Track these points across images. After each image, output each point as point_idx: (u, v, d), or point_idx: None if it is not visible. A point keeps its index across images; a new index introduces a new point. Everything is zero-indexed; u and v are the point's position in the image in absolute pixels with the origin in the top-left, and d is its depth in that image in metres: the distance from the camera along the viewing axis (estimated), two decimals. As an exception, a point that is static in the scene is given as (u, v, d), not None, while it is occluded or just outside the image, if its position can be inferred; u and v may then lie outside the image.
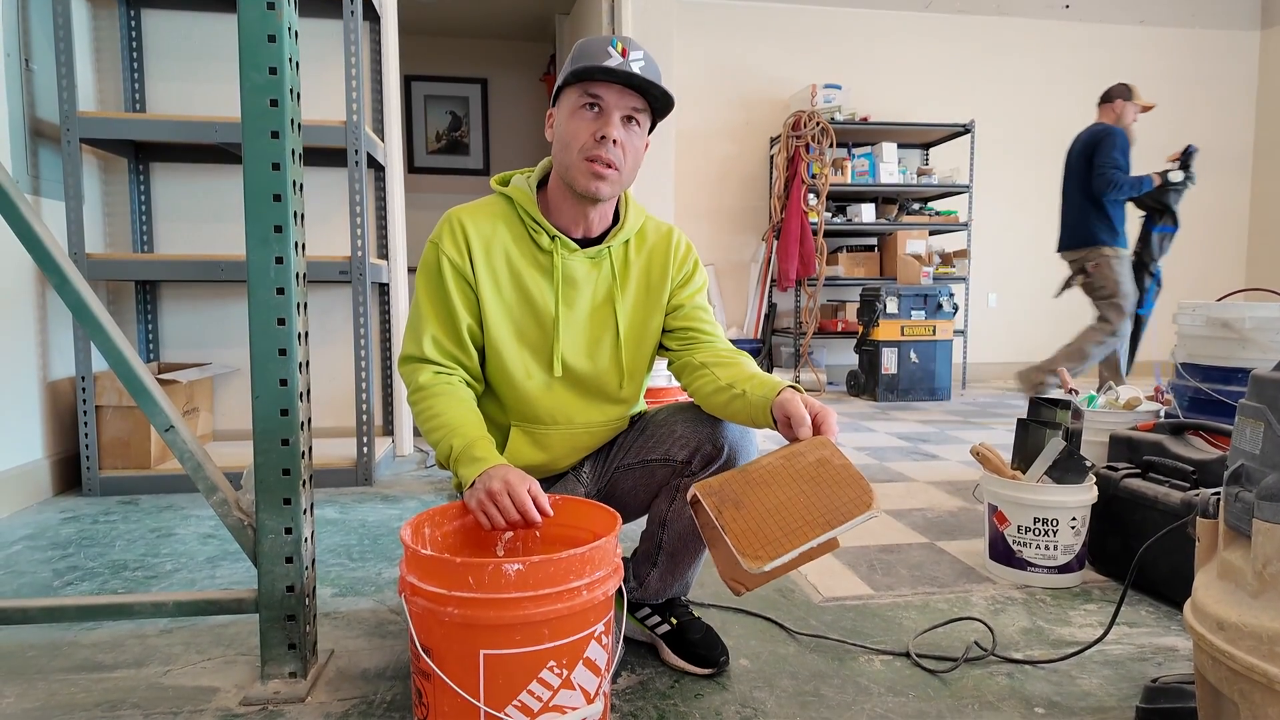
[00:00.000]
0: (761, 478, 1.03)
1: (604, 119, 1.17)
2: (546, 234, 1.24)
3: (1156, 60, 5.86)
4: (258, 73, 1.16)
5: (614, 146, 1.17)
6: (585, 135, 1.17)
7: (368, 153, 2.58)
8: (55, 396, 2.46)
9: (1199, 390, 1.95)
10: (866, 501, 0.97)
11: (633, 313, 1.30)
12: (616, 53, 1.15)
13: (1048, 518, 1.64)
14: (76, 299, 1.20)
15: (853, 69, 5.45)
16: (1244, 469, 0.95)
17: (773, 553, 0.93)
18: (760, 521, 0.97)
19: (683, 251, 1.34)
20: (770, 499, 0.99)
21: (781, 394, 1.12)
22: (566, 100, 1.20)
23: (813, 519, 0.96)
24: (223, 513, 1.23)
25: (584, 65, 1.15)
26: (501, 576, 0.88)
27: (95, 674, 1.29)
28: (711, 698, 1.22)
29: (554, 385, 1.28)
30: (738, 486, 1.03)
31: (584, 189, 1.19)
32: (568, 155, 1.20)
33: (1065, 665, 1.32)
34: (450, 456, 1.15)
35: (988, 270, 5.76)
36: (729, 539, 0.95)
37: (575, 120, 1.18)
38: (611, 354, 1.29)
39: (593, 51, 1.16)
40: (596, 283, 1.28)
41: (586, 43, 1.18)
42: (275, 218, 1.18)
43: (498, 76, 5.79)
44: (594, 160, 1.17)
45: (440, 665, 0.91)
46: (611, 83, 1.16)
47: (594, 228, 1.28)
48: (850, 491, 0.98)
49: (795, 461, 1.04)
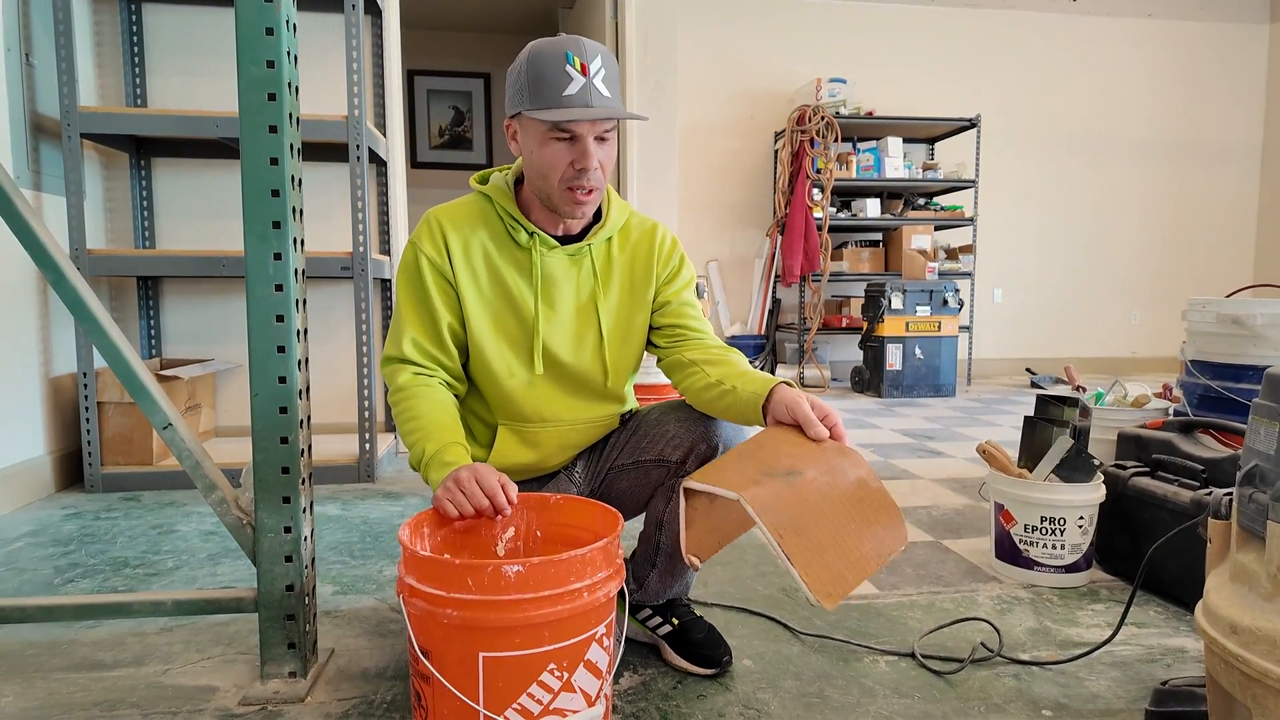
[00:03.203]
0: (811, 498, 0.97)
1: (579, 148, 1.12)
2: (524, 231, 1.23)
3: (1164, 54, 5.81)
4: (256, 66, 1.15)
5: (595, 171, 1.15)
6: (562, 166, 1.14)
7: (369, 148, 2.56)
8: (57, 393, 2.45)
9: (1208, 388, 1.93)
10: (903, 536, 0.98)
11: (617, 310, 1.29)
12: (576, 71, 1.09)
13: (1055, 517, 1.62)
14: (74, 296, 1.19)
15: (858, 63, 5.42)
16: (1258, 470, 0.93)
17: (843, 590, 0.90)
18: (822, 553, 0.92)
19: (668, 248, 1.32)
20: (827, 526, 0.95)
21: (778, 391, 1.11)
22: (533, 127, 1.14)
23: (868, 554, 0.95)
24: (221, 511, 1.22)
25: (547, 100, 1.09)
26: (501, 578, 0.86)
27: (94, 673, 1.29)
28: (714, 699, 1.21)
29: (537, 383, 1.26)
30: (791, 506, 0.95)
31: (569, 214, 1.20)
32: (546, 184, 1.17)
33: (1073, 667, 1.30)
34: (422, 461, 1.13)
35: (993, 266, 5.73)
36: (798, 571, 0.89)
37: (548, 151, 1.14)
38: (595, 351, 1.28)
39: (550, 75, 1.09)
40: (578, 280, 1.26)
41: (540, 61, 1.10)
42: (274, 213, 1.17)
43: (500, 71, 5.77)
44: (576, 189, 1.15)
45: (439, 668, 0.90)
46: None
47: (574, 225, 1.26)
48: (890, 520, 0.99)
49: (839, 481, 1.01)
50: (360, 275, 2.48)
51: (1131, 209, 5.90)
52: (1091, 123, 5.78)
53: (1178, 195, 5.95)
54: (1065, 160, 5.78)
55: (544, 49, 1.11)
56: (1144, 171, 5.88)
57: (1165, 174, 5.91)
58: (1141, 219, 5.92)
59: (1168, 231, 5.96)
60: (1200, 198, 5.98)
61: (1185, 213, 5.97)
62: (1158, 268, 5.97)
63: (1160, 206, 5.93)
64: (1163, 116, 5.86)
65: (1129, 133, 5.83)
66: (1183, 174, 5.93)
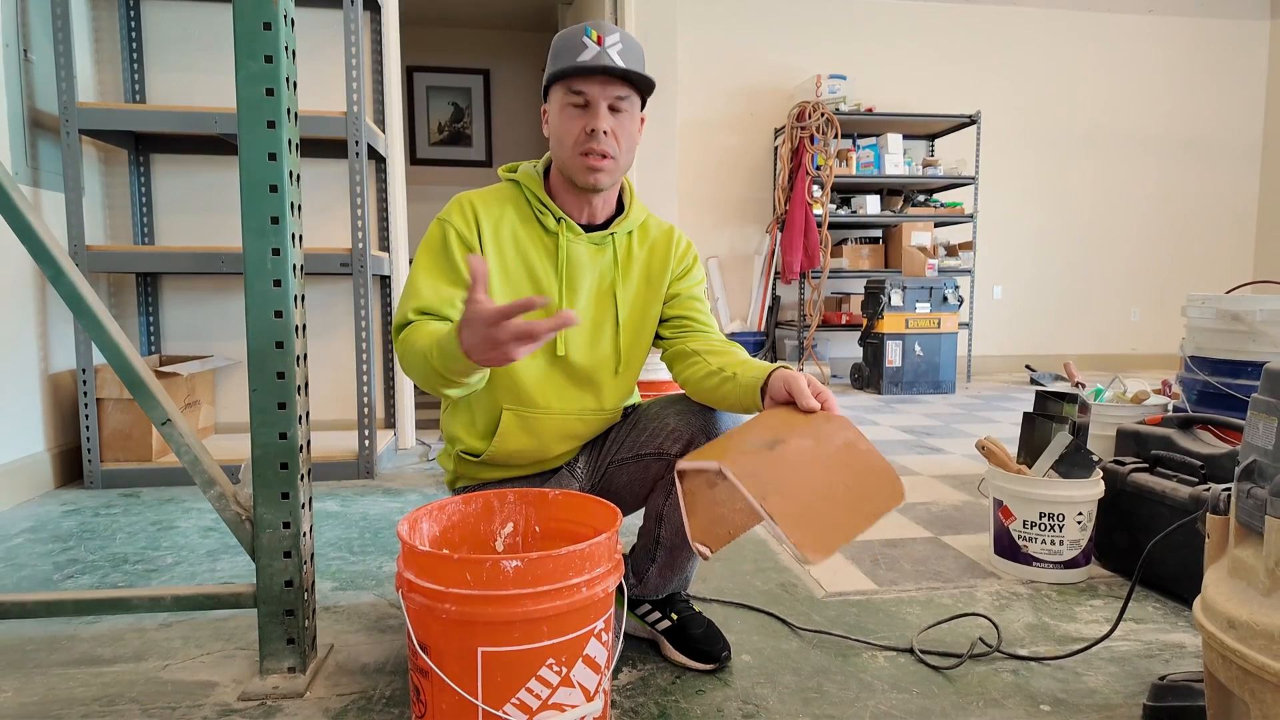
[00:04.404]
0: (795, 460, 0.97)
1: (591, 113, 1.19)
2: (552, 215, 1.26)
3: (1164, 50, 5.80)
4: (253, 61, 1.14)
5: (605, 136, 1.19)
6: (576, 131, 1.19)
7: (369, 144, 2.56)
8: (56, 389, 2.45)
9: (1208, 384, 1.93)
10: (899, 492, 0.98)
11: (633, 301, 1.32)
12: (592, 42, 1.17)
13: (1054, 513, 1.62)
14: (73, 292, 1.19)
15: (858, 59, 5.41)
16: (1256, 465, 0.93)
17: (832, 545, 0.89)
18: (807, 509, 0.92)
19: (683, 247, 1.37)
20: (811, 485, 0.94)
21: (776, 372, 1.13)
22: (554, 98, 1.23)
23: (857, 509, 0.94)
24: (220, 507, 1.22)
25: (563, 64, 1.17)
26: (500, 573, 0.86)
27: (94, 668, 1.29)
28: (713, 694, 1.21)
29: (552, 368, 1.27)
30: (774, 470, 0.94)
31: (584, 182, 1.22)
32: (563, 151, 1.22)
33: (1071, 662, 1.30)
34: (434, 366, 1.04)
35: (993, 262, 5.72)
36: (783, 529, 0.88)
37: (565, 118, 1.20)
38: (611, 340, 1.30)
39: (569, 45, 1.18)
40: (600, 269, 1.30)
41: (562, 37, 1.20)
42: (272, 209, 1.17)
43: (500, 67, 5.76)
44: (588, 154, 1.19)
45: (438, 662, 0.90)
46: (592, 76, 1.17)
47: (598, 214, 1.30)
48: (882, 481, 0.98)
49: (824, 445, 1.00)
50: (359, 272, 2.48)
51: (1132, 205, 5.89)
52: (1092, 119, 5.77)
53: (1178, 191, 5.94)
54: (1065, 156, 5.77)
55: (570, 27, 1.20)
56: (1144, 167, 5.87)
57: (1165, 170, 5.91)
58: (1142, 215, 5.92)
59: (1168, 228, 5.96)
60: (1200, 194, 5.98)
61: (1185, 209, 5.96)
62: (1158, 264, 5.97)
63: (1161, 203, 5.93)
64: (1163, 113, 5.85)
65: (1129, 129, 5.82)
66: (1183, 170, 5.93)
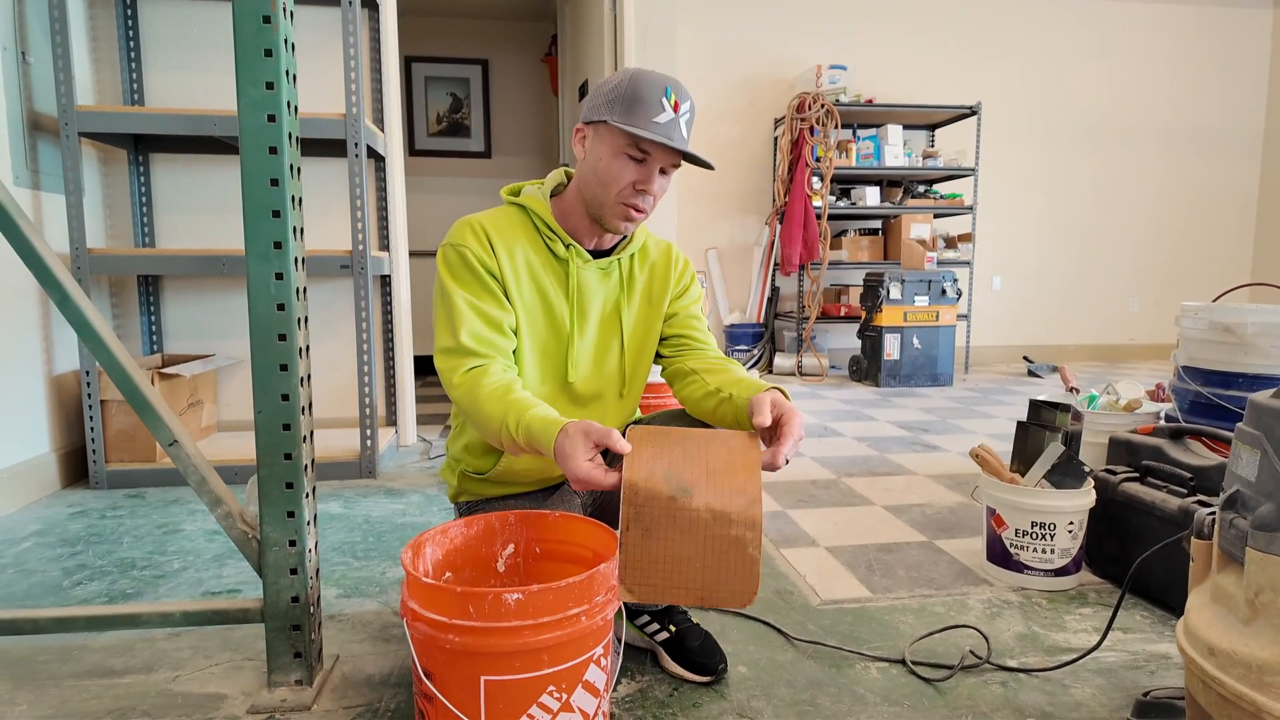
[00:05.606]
0: (683, 521, 1.01)
1: (646, 171, 1.20)
2: (562, 242, 1.28)
3: (1166, 39, 5.77)
4: (255, 88, 1.15)
5: (648, 196, 1.22)
6: (626, 182, 1.20)
7: (367, 144, 2.56)
8: (60, 390, 2.47)
9: (1199, 394, 1.95)
10: (745, 600, 1.04)
11: (636, 323, 1.36)
12: (669, 106, 1.18)
13: (1045, 522, 1.65)
14: (80, 317, 1.21)
15: (858, 50, 5.38)
16: (1239, 495, 0.96)
17: (644, 597, 1.02)
18: (653, 563, 1.02)
19: (681, 266, 1.41)
20: (674, 549, 1.02)
21: (761, 394, 1.15)
22: (610, 138, 1.20)
23: (695, 588, 1.03)
24: (227, 525, 1.25)
25: (637, 120, 1.16)
26: (501, 605, 0.89)
27: (106, 679, 1.32)
28: (709, 706, 1.24)
29: (561, 392, 1.31)
30: (661, 513, 1.01)
31: (612, 227, 1.25)
32: (604, 194, 1.22)
33: (1059, 674, 1.34)
34: (511, 435, 1.10)
35: (992, 253, 5.73)
36: (621, 556, 1.02)
37: (618, 164, 1.20)
38: (617, 362, 1.34)
39: (645, 100, 1.17)
40: (606, 293, 1.33)
41: (638, 82, 1.18)
42: (274, 233, 1.18)
43: (499, 57, 5.73)
44: (630, 206, 1.22)
45: (442, 689, 0.93)
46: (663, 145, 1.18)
47: (605, 240, 1.33)
48: (741, 584, 1.03)
49: (717, 527, 1.02)
50: (360, 272, 2.49)
51: (1131, 195, 5.89)
52: (1092, 109, 5.75)
53: (1178, 182, 5.94)
54: (1065, 146, 5.76)
55: (648, 76, 1.19)
56: (1144, 158, 5.86)
57: (1166, 160, 5.90)
58: (1141, 205, 5.92)
59: (1167, 218, 5.96)
60: (1200, 184, 5.97)
61: (1185, 199, 5.96)
62: (1157, 255, 5.97)
63: (1160, 193, 5.92)
64: (1164, 102, 5.84)
65: (1129, 119, 5.81)
66: (1183, 160, 5.92)
